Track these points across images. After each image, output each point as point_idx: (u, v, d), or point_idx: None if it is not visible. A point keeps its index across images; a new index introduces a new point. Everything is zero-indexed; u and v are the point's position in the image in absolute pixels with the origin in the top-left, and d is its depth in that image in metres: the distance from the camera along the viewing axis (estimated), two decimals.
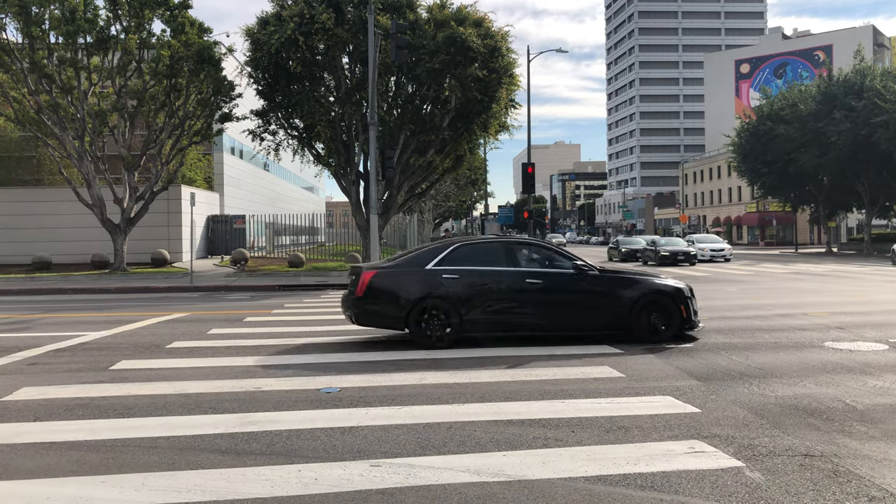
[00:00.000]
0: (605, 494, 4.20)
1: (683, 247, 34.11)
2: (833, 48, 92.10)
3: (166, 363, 8.54)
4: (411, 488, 4.31)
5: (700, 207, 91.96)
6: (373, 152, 23.95)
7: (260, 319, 12.97)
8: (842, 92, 44.26)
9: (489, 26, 25.86)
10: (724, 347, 9.34)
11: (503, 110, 27.98)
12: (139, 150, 28.13)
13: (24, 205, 32.50)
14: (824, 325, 11.44)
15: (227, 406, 6.38)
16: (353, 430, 5.58)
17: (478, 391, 6.87)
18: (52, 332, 11.56)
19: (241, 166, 51.32)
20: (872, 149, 41.98)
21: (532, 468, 4.64)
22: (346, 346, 9.67)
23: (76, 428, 5.69)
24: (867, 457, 4.86)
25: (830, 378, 7.38)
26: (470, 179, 58.50)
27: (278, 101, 27.29)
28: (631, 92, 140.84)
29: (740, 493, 4.21)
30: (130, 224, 27.51)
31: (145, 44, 26.16)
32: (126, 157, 27.16)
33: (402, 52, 22.90)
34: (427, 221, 52.58)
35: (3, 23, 24.70)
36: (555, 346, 9.42)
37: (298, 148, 29.15)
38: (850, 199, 49.65)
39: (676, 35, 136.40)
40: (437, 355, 8.81)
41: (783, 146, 46.66)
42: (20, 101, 25.69)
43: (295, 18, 24.61)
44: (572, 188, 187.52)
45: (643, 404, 6.31)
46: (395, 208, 29.45)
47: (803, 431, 5.47)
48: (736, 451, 4.96)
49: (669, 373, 7.74)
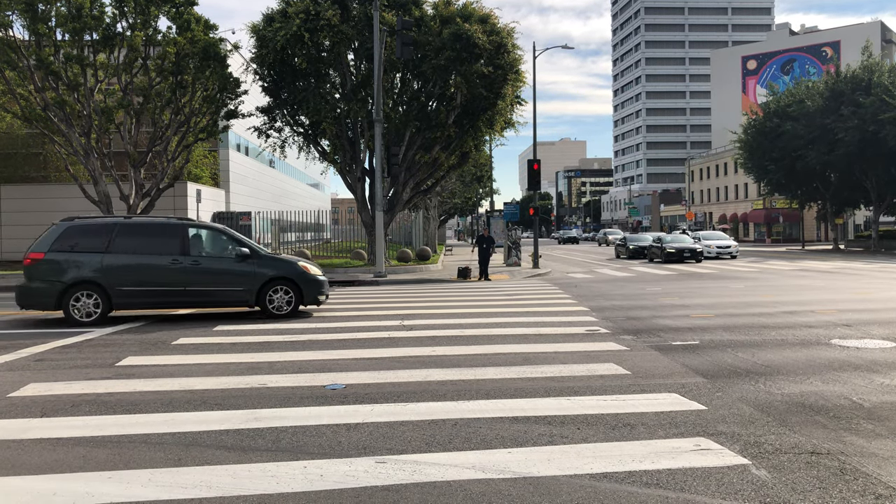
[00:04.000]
0: (610, 492, 4.20)
1: (689, 244, 34.01)
2: (841, 44, 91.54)
3: (172, 359, 8.56)
4: (416, 485, 4.31)
5: (706, 204, 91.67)
6: (378, 149, 23.96)
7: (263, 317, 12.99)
8: (849, 88, 43.99)
9: (495, 23, 25.82)
10: (730, 345, 9.31)
11: (509, 107, 27.95)
12: (145, 147, 28.17)
13: (31, 201, 32.65)
14: (831, 322, 11.39)
15: (233, 402, 6.39)
16: (358, 426, 5.58)
17: (483, 388, 6.87)
18: (58, 328, 11.61)
19: (246, 163, 51.40)
20: (880, 145, 41.73)
21: (537, 465, 4.64)
22: (352, 343, 9.68)
23: (83, 424, 5.72)
24: (874, 454, 4.84)
25: (837, 376, 7.35)
26: (475, 176, 58.45)
27: (284, 97, 27.34)
28: (637, 88, 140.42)
29: (746, 490, 4.20)
30: None
31: (151, 41, 26.18)
32: (132, 154, 27.22)
33: (408, 48, 22.90)
34: (432, 218, 52.53)
35: (10, 20, 24.75)
36: (558, 344, 9.41)
37: (304, 145, 29.20)
38: (858, 196, 49.38)
39: (683, 31, 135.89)
40: (442, 352, 8.81)
41: (790, 143, 46.42)
42: (27, 98, 25.76)
43: (300, 15, 24.64)
44: (578, 185, 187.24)
45: (649, 401, 6.30)
46: (401, 205, 29.46)
47: (810, 429, 5.45)
48: (742, 449, 4.95)
49: (675, 370, 7.72)
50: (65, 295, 12.01)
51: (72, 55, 25.04)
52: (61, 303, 12.01)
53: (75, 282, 12.02)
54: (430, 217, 50.28)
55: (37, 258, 12.10)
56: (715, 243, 37.92)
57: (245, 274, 12.76)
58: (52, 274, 12.04)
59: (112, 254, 12.22)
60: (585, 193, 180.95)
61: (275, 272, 12.89)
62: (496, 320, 12.02)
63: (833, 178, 48.23)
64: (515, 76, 26.52)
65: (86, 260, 12.12)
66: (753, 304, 14.30)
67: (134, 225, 12.82)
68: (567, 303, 15.05)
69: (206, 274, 12.61)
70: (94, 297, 12.07)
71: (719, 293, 17.12)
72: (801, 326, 10.97)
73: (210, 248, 13.10)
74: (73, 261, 12.10)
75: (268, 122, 28.52)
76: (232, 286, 12.74)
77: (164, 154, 27.94)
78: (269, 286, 12.82)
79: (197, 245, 12.93)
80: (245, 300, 12.83)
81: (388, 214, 27.73)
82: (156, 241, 12.60)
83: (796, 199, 53.39)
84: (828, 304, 14.21)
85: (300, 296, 12.94)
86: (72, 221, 12.58)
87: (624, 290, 18.56)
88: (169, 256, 12.45)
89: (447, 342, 9.66)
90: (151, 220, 13.18)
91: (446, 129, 26.83)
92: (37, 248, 12.19)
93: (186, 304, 12.69)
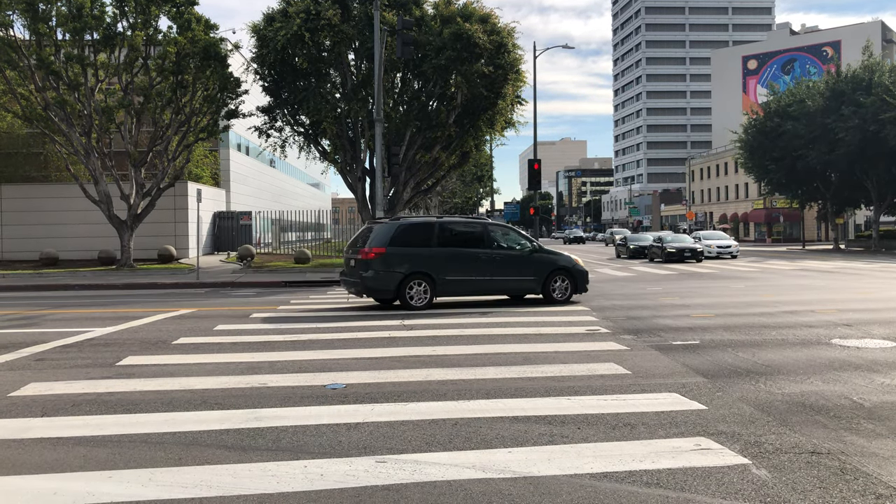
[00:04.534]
0: (610, 491, 4.20)
1: (690, 243, 34.00)
2: (841, 44, 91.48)
3: (172, 359, 8.56)
4: (416, 484, 4.31)
5: (707, 204, 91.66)
6: (379, 149, 23.96)
7: (266, 316, 13.00)
8: (850, 88, 43.97)
9: (495, 22, 25.81)
10: (731, 344, 9.31)
11: (509, 107, 27.94)
12: (146, 147, 28.20)
13: (32, 201, 32.65)
14: (831, 322, 11.39)
15: (233, 402, 6.39)
16: (358, 426, 5.58)
17: (483, 388, 6.87)
18: (59, 327, 11.62)
19: (247, 163, 51.39)
20: (881, 145, 41.72)
21: (538, 465, 4.64)
22: (352, 343, 9.68)
23: (83, 423, 5.72)
24: (874, 454, 4.84)
25: (837, 375, 7.35)
26: (476, 176, 58.46)
27: (284, 97, 27.33)
28: (638, 88, 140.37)
29: (747, 490, 4.20)
30: (137, 220, 27.60)
31: (152, 40, 26.21)
32: (133, 154, 27.24)
33: (409, 48, 22.89)
34: None
35: (11, 20, 24.79)
36: (559, 343, 9.42)
37: (304, 144, 29.19)
38: (858, 196, 49.38)
39: (683, 31, 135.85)
40: (442, 352, 8.82)
41: (791, 142, 46.40)
42: (27, 97, 25.79)
43: (301, 15, 24.62)
44: (578, 185, 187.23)
45: (649, 401, 6.30)
46: (401, 205, 29.45)
47: (810, 429, 5.45)
48: (742, 449, 4.95)
49: (675, 369, 7.72)
50: (402, 283, 13.68)
51: (72, 55, 25.07)
52: (399, 291, 13.68)
53: (410, 272, 13.75)
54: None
55: (380, 252, 13.68)
56: (715, 243, 37.93)
57: (534, 265, 14.76)
58: (394, 265, 13.71)
59: (435, 248, 14.10)
60: (586, 193, 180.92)
61: (556, 264, 14.90)
62: (496, 319, 12.02)
63: (834, 177, 48.22)
64: (516, 76, 26.50)
65: (417, 253, 13.94)
66: (754, 304, 14.30)
67: (449, 224, 14.77)
68: (567, 302, 15.04)
69: (507, 265, 14.58)
70: (424, 285, 13.79)
71: (720, 293, 17.12)
72: (801, 326, 10.96)
73: (506, 243, 15.01)
74: (408, 254, 13.86)
75: (268, 121, 28.51)
76: (525, 275, 14.72)
77: (164, 154, 27.96)
78: (552, 277, 14.77)
79: (497, 241, 14.87)
80: (533, 288, 14.83)
81: (389, 214, 27.72)
82: (466, 238, 14.58)
83: (797, 198, 53.37)
84: (828, 303, 14.21)
85: (574, 285, 14.94)
86: (400, 220, 14.67)
87: (624, 289, 18.56)
88: (477, 250, 14.38)
89: (447, 342, 9.66)
90: (461, 220, 15.68)
91: (447, 128, 26.82)
92: (378, 243, 13.78)
93: (490, 291, 14.71)
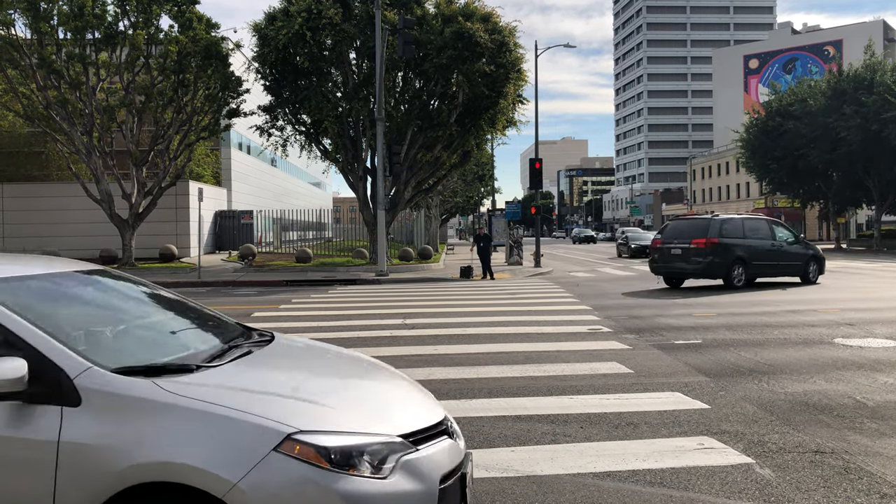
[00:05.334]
0: (613, 490, 4.19)
1: None
2: (843, 43, 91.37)
3: None
4: None
5: (708, 203, 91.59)
6: (380, 148, 23.96)
7: (268, 315, 13.00)
8: (852, 87, 43.89)
9: (497, 21, 25.81)
10: (733, 343, 9.30)
11: (511, 106, 27.94)
12: (147, 146, 28.20)
13: (33, 200, 32.66)
14: (834, 321, 11.37)
15: None
16: None
17: (485, 386, 6.86)
18: None
19: (248, 162, 51.38)
20: (882, 144, 41.65)
21: (540, 464, 4.63)
22: (354, 342, 9.68)
23: None
24: (878, 453, 4.83)
25: (840, 375, 7.33)
26: (477, 175, 58.39)
27: (286, 96, 27.33)
28: (639, 87, 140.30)
29: (750, 489, 4.19)
30: (138, 219, 27.61)
31: (153, 39, 26.21)
32: (134, 153, 27.24)
33: (410, 47, 22.89)
34: (434, 217, 52.55)
35: (12, 18, 24.79)
36: (561, 342, 9.41)
37: (306, 144, 29.21)
38: (860, 196, 49.29)
39: (685, 30, 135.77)
40: (444, 351, 8.81)
41: (792, 142, 46.33)
42: (29, 96, 25.80)
43: (302, 14, 24.63)
44: (580, 184, 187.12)
45: (652, 400, 6.29)
46: (403, 204, 29.47)
47: (813, 428, 5.44)
48: (746, 448, 4.94)
49: (678, 369, 7.71)
50: (730, 267, 17.29)
51: (74, 54, 25.07)
52: (728, 273, 17.28)
53: (734, 258, 17.39)
54: (431, 216, 50.30)
55: (713, 242, 17.23)
56: None
57: (799, 254, 18.56)
58: (723, 253, 17.27)
59: (745, 239, 17.69)
60: (587, 192, 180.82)
61: (810, 253, 18.74)
62: (498, 319, 12.01)
63: (835, 177, 48.15)
64: (517, 75, 26.50)
65: (736, 244, 17.51)
66: (756, 303, 14.27)
67: (748, 220, 18.59)
68: (569, 301, 15.04)
69: (785, 254, 18.33)
70: (740, 268, 17.47)
71: (720, 292, 17.09)
72: (803, 325, 10.95)
73: (779, 235, 18.50)
74: (731, 244, 17.42)
75: (269, 120, 28.52)
76: (794, 262, 18.47)
77: (165, 153, 27.96)
78: (809, 262, 18.56)
79: (775, 234, 18.44)
80: (796, 273, 18.54)
81: (390, 213, 27.73)
82: (760, 231, 18.22)
83: (798, 198, 53.31)
84: (830, 303, 14.19)
85: (819, 268, 18.86)
86: (719, 217, 18.20)
87: (625, 288, 18.54)
88: (769, 241, 18.13)
89: (449, 341, 9.65)
90: (752, 217, 19.21)
91: (448, 127, 26.82)
92: (710, 235, 17.32)
93: (775, 274, 18.53)
